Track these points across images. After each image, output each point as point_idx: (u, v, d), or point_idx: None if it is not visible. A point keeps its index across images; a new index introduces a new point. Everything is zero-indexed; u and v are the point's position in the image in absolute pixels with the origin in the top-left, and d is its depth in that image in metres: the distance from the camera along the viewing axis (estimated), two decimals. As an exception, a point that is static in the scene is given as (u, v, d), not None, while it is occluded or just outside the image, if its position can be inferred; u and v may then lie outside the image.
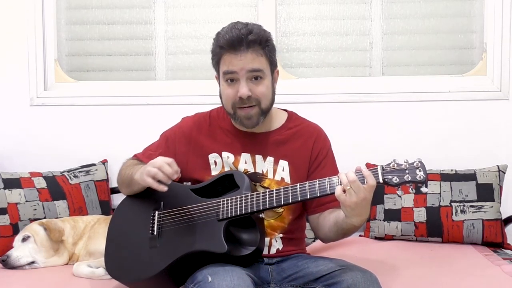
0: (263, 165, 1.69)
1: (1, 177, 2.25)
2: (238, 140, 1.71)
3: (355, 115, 2.57)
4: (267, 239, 1.65)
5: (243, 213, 1.50)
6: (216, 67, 1.67)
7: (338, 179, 1.41)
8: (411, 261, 2.03)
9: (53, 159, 2.56)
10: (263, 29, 1.62)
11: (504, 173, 2.37)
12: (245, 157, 1.69)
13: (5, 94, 2.64)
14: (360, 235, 2.42)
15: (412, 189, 1.38)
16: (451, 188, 2.31)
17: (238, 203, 1.51)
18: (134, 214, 1.69)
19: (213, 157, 1.71)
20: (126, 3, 2.72)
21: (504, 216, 2.36)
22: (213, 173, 1.70)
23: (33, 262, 2.02)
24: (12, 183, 2.25)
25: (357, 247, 2.23)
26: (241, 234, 1.55)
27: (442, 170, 2.38)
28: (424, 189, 1.37)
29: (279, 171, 1.69)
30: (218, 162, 1.71)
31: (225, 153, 1.70)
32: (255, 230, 1.53)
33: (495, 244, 2.27)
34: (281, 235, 1.69)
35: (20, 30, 2.62)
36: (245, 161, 1.69)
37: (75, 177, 2.42)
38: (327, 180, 1.44)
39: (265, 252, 1.65)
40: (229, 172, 1.65)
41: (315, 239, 2.21)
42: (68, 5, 2.72)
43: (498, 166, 2.37)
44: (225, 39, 1.57)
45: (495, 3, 2.54)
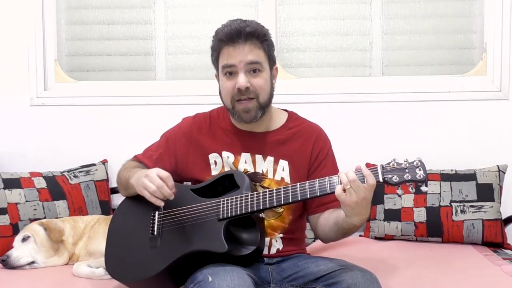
0: (263, 165, 1.69)
1: (1, 177, 2.25)
2: (238, 140, 1.71)
3: (355, 115, 2.57)
4: (267, 239, 1.65)
5: (243, 212, 1.50)
6: (215, 63, 1.68)
7: (338, 178, 1.41)
8: (411, 261, 2.02)
9: (53, 159, 2.56)
10: (261, 25, 1.65)
11: (504, 173, 2.37)
12: (245, 156, 1.69)
13: (5, 94, 2.64)
14: (360, 235, 2.42)
15: (412, 188, 1.38)
16: (451, 188, 2.31)
17: (238, 202, 1.52)
18: (134, 214, 1.69)
19: (213, 157, 1.71)
20: (126, 3, 2.72)
21: (504, 216, 2.36)
22: (213, 173, 1.71)
23: (33, 262, 2.02)
24: (12, 183, 2.25)
25: (357, 247, 2.23)
26: (241, 234, 1.55)
27: (442, 170, 2.38)
28: (424, 188, 1.37)
29: (279, 171, 1.69)
30: (218, 162, 1.71)
31: (225, 153, 1.70)
32: (255, 230, 1.54)
33: (495, 244, 2.27)
34: (281, 235, 1.69)
35: (20, 30, 2.62)
36: (245, 160, 1.69)
37: (75, 177, 2.42)
38: (327, 180, 1.44)
39: (265, 252, 1.65)
40: (229, 172, 1.65)
41: (315, 239, 2.21)
42: (68, 5, 2.72)
43: (498, 166, 2.37)
44: (223, 32, 1.60)
45: (495, 3, 2.54)
